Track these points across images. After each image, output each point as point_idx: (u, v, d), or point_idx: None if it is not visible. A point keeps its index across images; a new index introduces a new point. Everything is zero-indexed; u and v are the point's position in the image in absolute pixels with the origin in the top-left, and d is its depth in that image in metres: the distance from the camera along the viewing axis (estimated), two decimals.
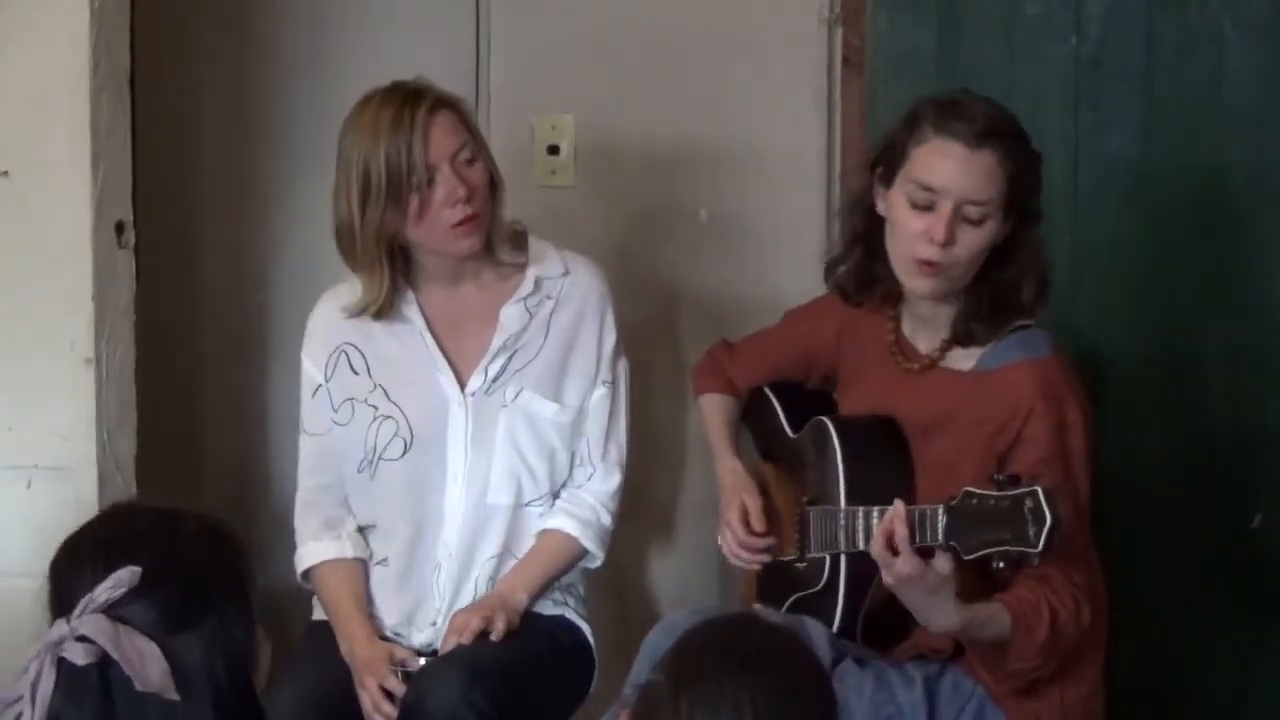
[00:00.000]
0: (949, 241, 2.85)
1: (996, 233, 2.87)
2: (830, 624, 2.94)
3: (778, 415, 3.22)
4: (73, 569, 2.11)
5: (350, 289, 3.24)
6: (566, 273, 3.26)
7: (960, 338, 2.94)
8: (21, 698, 2.04)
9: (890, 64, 3.62)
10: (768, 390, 3.26)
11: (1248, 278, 3.49)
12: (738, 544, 3.13)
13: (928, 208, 2.86)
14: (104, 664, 2.03)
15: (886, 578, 2.70)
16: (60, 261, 3.32)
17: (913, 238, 2.87)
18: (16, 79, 3.32)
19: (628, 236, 3.76)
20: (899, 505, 2.68)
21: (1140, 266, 3.53)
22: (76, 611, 2.05)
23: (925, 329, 2.99)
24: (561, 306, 3.25)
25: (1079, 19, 3.52)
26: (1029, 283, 2.91)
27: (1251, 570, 3.51)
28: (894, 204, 2.91)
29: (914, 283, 2.91)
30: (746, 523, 3.13)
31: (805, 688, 2.01)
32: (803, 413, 3.16)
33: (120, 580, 2.05)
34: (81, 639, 2.04)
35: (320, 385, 3.28)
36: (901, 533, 2.66)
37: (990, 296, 2.91)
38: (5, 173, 3.34)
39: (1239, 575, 3.52)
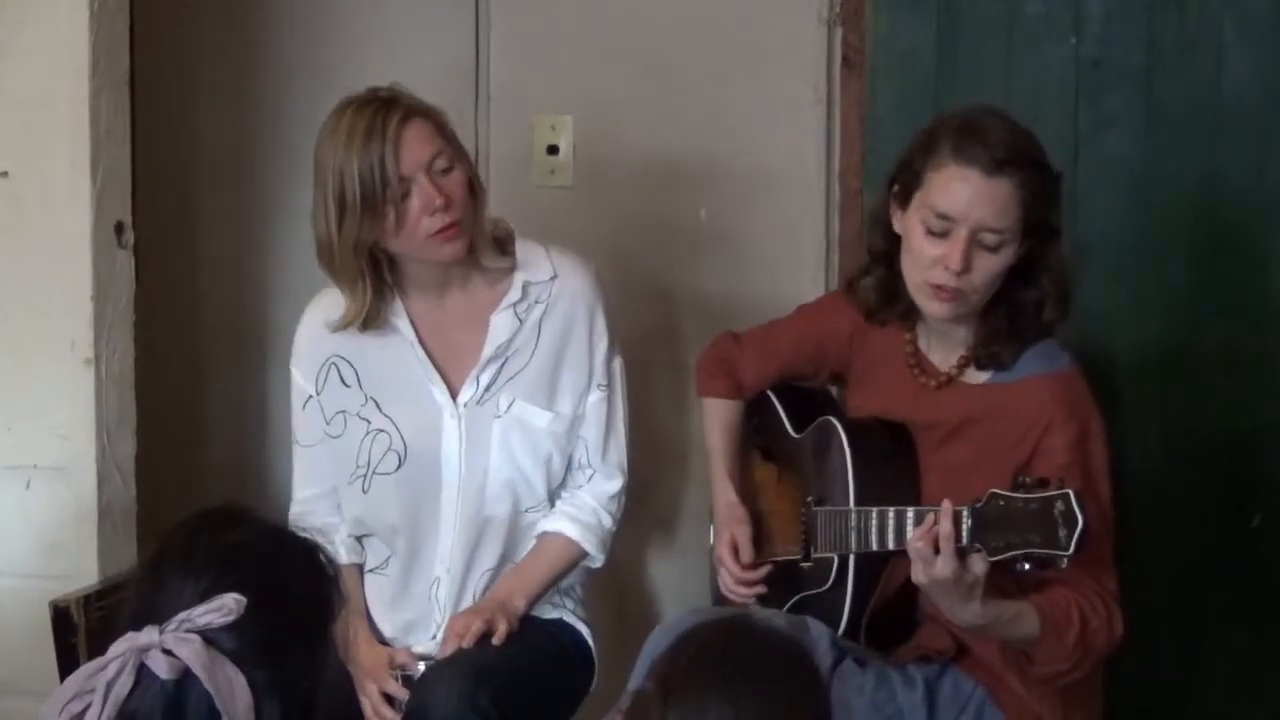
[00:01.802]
0: (965, 270, 2.83)
1: (1014, 256, 2.85)
2: (836, 624, 2.93)
3: (779, 415, 3.21)
4: (179, 576, 2.06)
5: (335, 299, 3.20)
6: (555, 276, 3.21)
7: (982, 360, 2.92)
8: (94, 690, 2.02)
9: (890, 64, 3.62)
10: (769, 390, 3.25)
11: (1247, 277, 3.49)
12: (733, 580, 3.11)
13: (943, 234, 2.83)
14: (181, 680, 2.01)
15: (919, 576, 2.67)
16: (60, 261, 3.33)
17: (929, 264, 2.85)
18: (16, 79, 3.33)
19: (627, 236, 3.76)
20: (947, 504, 2.65)
21: (1139, 266, 3.53)
22: (172, 625, 2.02)
23: (942, 343, 2.98)
24: (551, 311, 3.21)
25: (1079, 19, 3.52)
26: (1052, 302, 2.89)
27: (1251, 570, 3.51)
28: (910, 227, 2.88)
29: (929, 306, 2.89)
30: (735, 554, 3.12)
31: (797, 697, 2.00)
32: (804, 413, 3.15)
33: (228, 609, 2.01)
34: (168, 653, 2.02)
35: (311, 397, 3.26)
36: (947, 531, 2.64)
37: (1010, 317, 2.89)
38: (5, 173, 3.35)
39: (1239, 575, 3.52)
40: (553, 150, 3.80)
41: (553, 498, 3.26)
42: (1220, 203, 3.49)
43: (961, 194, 2.82)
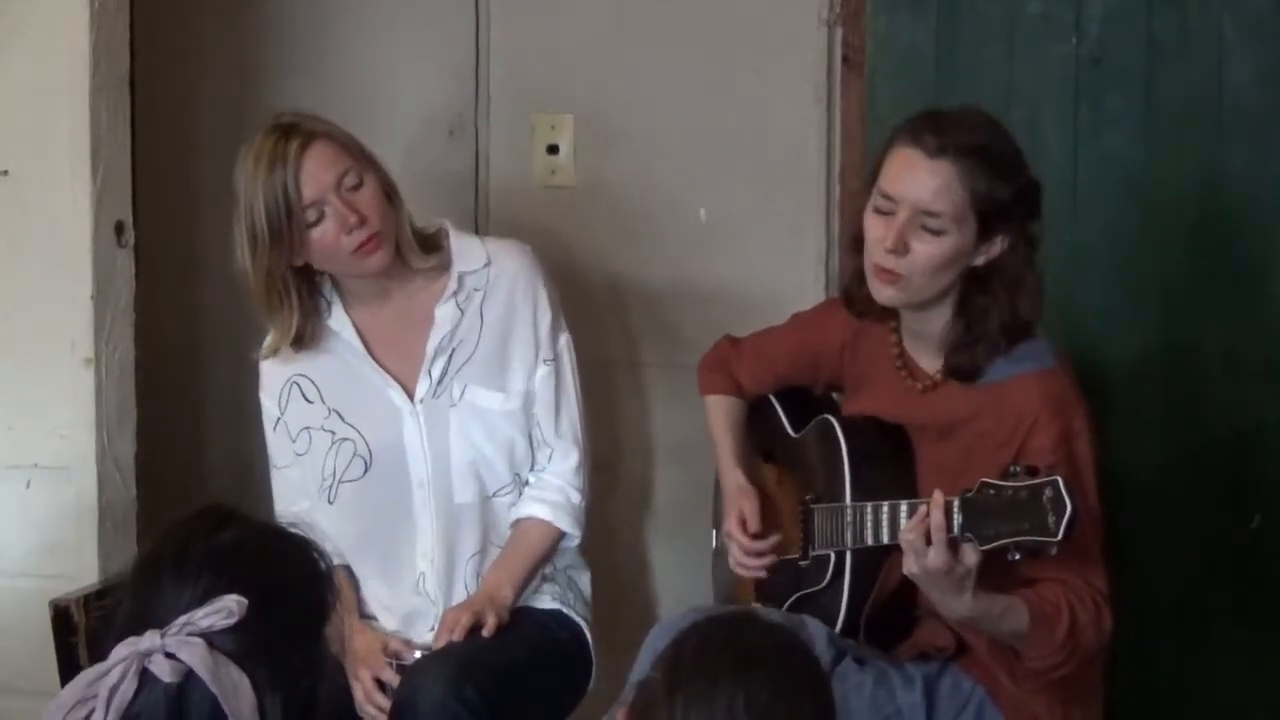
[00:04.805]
0: (897, 248, 2.83)
1: (960, 249, 2.85)
2: (833, 621, 2.94)
3: (779, 415, 3.22)
4: (174, 580, 2.05)
5: None
6: (488, 262, 3.26)
7: (954, 372, 2.93)
8: (96, 697, 2.02)
9: (890, 64, 3.62)
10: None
11: (1247, 277, 3.49)
12: (742, 552, 3.12)
13: (889, 214, 2.85)
14: (183, 683, 2.00)
15: (911, 567, 2.68)
16: (60, 261, 3.33)
17: (874, 244, 2.87)
18: (16, 79, 3.33)
19: (628, 236, 3.76)
20: (939, 495, 2.67)
21: (1140, 266, 3.53)
22: (174, 629, 2.02)
23: (923, 345, 2.99)
24: (490, 296, 3.25)
25: (1079, 18, 3.52)
26: (997, 312, 2.87)
27: (1251, 570, 3.51)
28: (866, 213, 2.91)
29: (876, 290, 2.90)
30: (744, 529, 3.12)
31: (801, 687, 2.01)
32: (803, 413, 3.16)
33: (230, 611, 2.01)
34: (170, 656, 2.01)
35: (278, 418, 3.30)
36: (939, 521, 2.64)
37: (968, 324, 2.89)
38: (5, 172, 3.35)
39: (1239, 575, 3.52)
40: (553, 150, 3.80)
41: (520, 483, 3.28)
42: (1220, 202, 3.49)
43: (903, 174, 2.85)
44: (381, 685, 3.15)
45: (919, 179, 2.83)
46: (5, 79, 3.34)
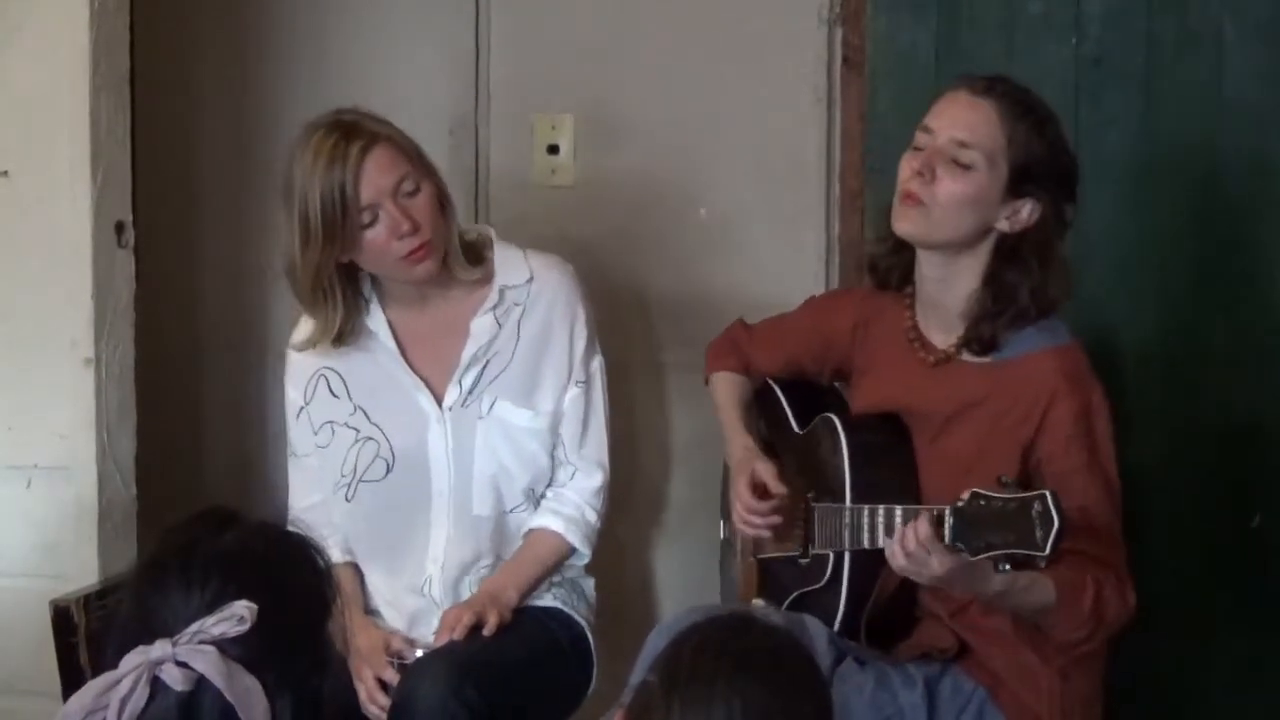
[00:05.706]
0: (924, 171, 2.86)
1: (985, 193, 2.86)
2: (833, 621, 2.94)
3: (784, 410, 3.22)
4: (181, 585, 2.06)
5: None
6: (531, 278, 3.25)
7: (971, 344, 2.93)
8: (107, 707, 2.01)
9: (890, 64, 3.62)
10: (774, 385, 3.25)
11: (1247, 277, 3.49)
12: (745, 509, 3.09)
13: (923, 148, 2.89)
14: (194, 691, 2.01)
15: (921, 580, 2.69)
16: (60, 261, 3.34)
17: (904, 176, 2.90)
18: (16, 79, 3.34)
19: (627, 236, 3.76)
20: (924, 521, 2.65)
21: (1140, 265, 3.53)
22: (185, 637, 2.02)
23: (937, 320, 2.99)
24: (529, 313, 3.24)
25: (1079, 18, 3.52)
26: (1026, 285, 2.89)
27: (1251, 570, 3.51)
28: (903, 157, 2.94)
29: (898, 219, 2.92)
30: (754, 490, 3.10)
31: (799, 689, 2.01)
32: (809, 408, 3.15)
33: (242, 618, 2.01)
34: (182, 665, 2.01)
35: (302, 408, 3.30)
36: (925, 533, 2.64)
37: (994, 296, 2.90)
38: (5, 173, 3.36)
39: (1239, 575, 3.52)
40: (553, 150, 3.80)
41: (536, 500, 3.27)
42: (1220, 202, 3.49)
43: (946, 108, 2.90)
44: (384, 684, 3.14)
45: (959, 111, 2.89)
46: (5, 79, 3.34)
